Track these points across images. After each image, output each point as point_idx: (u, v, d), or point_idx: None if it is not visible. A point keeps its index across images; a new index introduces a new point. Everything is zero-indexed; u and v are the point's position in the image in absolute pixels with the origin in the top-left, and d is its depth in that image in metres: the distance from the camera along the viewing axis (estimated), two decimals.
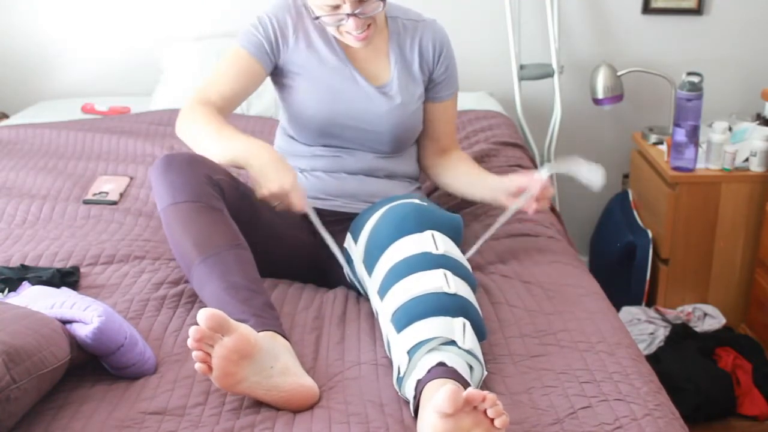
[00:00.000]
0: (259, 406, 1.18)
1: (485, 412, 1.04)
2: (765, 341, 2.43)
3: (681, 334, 2.39)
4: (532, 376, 1.25)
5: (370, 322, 1.43)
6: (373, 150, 1.73)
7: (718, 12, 2.90)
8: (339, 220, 1.67)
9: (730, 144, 2.50)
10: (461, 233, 1.53)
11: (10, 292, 1.41)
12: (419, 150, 1.85)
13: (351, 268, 1.53)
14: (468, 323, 1.23)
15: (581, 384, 1.22)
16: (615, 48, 2.92)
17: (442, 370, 1.14)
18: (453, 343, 1.19)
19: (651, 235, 2.59)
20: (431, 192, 2.02)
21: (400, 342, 1.22)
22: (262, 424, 1.14)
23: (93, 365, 1.25)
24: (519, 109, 2.78)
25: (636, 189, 2.81)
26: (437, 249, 1.34)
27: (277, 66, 1.71)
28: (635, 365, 1.28)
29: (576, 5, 2.90)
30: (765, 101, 2.59)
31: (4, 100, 2.98)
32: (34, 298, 1.29)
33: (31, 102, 2.95)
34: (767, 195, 2.46)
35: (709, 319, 2.47)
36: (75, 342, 1.20)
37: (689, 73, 2.38)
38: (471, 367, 1.19)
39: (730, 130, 2.55)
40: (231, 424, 1.13)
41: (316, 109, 1.68)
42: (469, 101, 2.62)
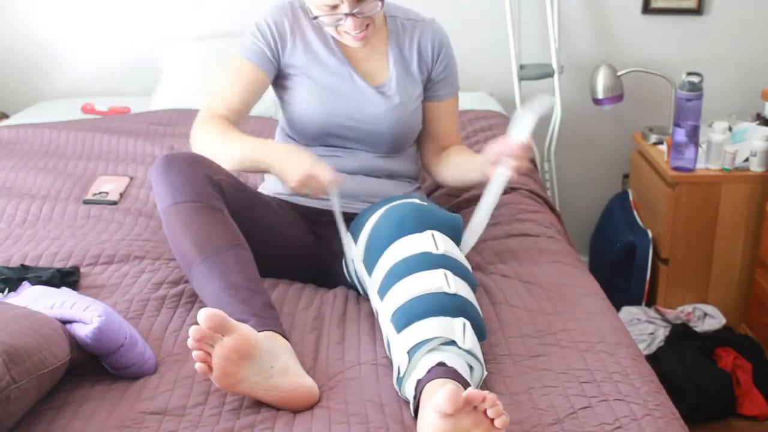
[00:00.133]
0: (259, 406, 1.18)
1: (485, 412, 1.04)
2: (765, 341, 2.43)
3: (681, 334, 2.38)
4: (532, 376, 1.25)
5: (370, 322, 1.43)
6: (372, 150, 1.73)
7: (718, 12, 2.90)
8: None
9: (730, 144, 2.50)
10: (461, 233, 1.53)
11: (10, 292, 1.40)
12: (420, 149, 1.85)
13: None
14: (468, 323, 1.23)
15: (581, 384, 1.22)
16: (615, 48, 2.92)
17: (442, 370, 1.14)
18: (453, 343, 1.19)
19: (651, 235, 2.59)
20: (431, 192, 2.02)
21: (400, 342, 1.22)
22: (262, 424, 1.14)
23: (93, 365, 1.25)
24: (519, 110, 2.77)
25: (636, 189, 2.81)
26: (437, 249, 1.34)
27: (278, 69, 1.71)
28: (635, 365, 1.28)
29: (576, 5, 2.90)
30: (765, 101, 2.59)
31: (4, 100, 2.98)
32: (34, 298, 1.29)
33: (31, 102, 2.95)
34: (767, 195, 2.45)
35: (709, 319, 2.47)
36: (75, 342, 1.20)
37: (689, 73, 2.38)
38: (471, 367, 1.19)
39: (730, 130, 2.55)
40: (231, 424, 1.13)
41: (315, 110, 1.68)
42: (469, 101, 2.62)
